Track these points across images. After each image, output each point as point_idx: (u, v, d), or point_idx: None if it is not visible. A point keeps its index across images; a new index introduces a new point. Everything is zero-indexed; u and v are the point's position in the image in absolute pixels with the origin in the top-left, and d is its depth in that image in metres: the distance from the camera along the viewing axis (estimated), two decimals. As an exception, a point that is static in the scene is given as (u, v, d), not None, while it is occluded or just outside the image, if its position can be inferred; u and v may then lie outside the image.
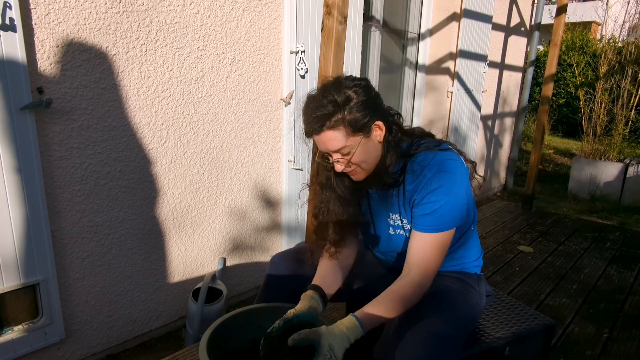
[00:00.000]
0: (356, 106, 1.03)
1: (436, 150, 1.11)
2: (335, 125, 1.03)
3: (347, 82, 1.06)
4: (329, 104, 1.02)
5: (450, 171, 1.07)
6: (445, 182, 1.06)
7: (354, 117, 1.03)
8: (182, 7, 1.88)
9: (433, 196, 1.06)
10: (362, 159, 1.08)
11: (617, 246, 3.22)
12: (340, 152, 1.06)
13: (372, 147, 1.08)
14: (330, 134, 1.04)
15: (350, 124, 1.03)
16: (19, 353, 1.66)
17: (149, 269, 2.03)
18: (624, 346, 1.97)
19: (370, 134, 1.06)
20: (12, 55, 1.44)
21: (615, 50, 5.29)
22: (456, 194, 1.07)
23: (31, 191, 1.56)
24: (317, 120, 1.04)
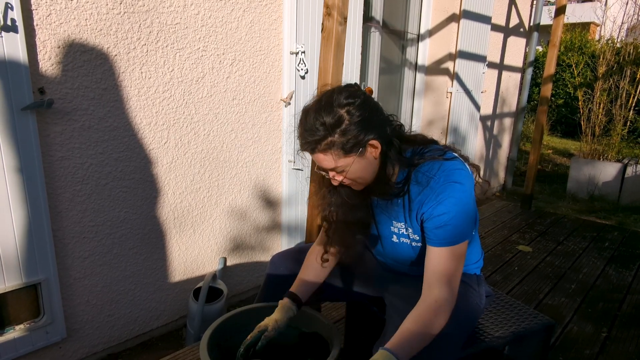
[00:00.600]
0: (348, 128, 1.00)
1: (442, 160, 1.08)
2: (326, 149, 1.01)
3: (341, 100, 1.01)
4: (320, 127, 1.00)
5: (459, 181, 1.05)
6: (455, 192, 1.04)
7: (346, 139, 1.00)
8: (182, 8, 1.88)
9: (444, 208, 1.04)
10: (357, 176, 1.07)
11: (615, 246, 3.22)
12: (334, 170, 1.06)
13: (368, 164, 1.06)
14: (321, 156, 1.03)
15: (341, 146, 1.00)
16: (20, 352, 1.66)
17: (150, 269, 2.03)
18: (623, 345, 1.97)
19: (364, 153, 1.03)
20: (14, 56, 1.44)
21: (614, 50, 5.29)
22: (466, 203, 1.05)
23: (33, 191, 1.56)
24: (309, 143, 1.03)
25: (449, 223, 1.04)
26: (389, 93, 3.51)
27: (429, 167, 1.08)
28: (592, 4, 11.57)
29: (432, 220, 1.06)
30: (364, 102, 1.04)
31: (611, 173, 4.88)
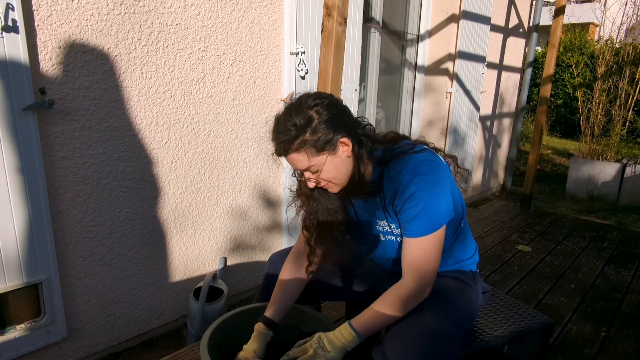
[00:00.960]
0: (318, 126, 1.04)
1: (410, 154, 1.10)
2: (299, 148, 1.05)
3: (309, 102, 1.05)
4: (291, 127, 1.04)
5: (426, 172, 1.06)
6: (422, 184, 1.05)
7: (317, 137, 1.04)
8: (183, 9, 1.88)
9: (413, 200, 1.06)
10: (332, 175, 1.09)
11: (614, 246, 3.22)
12: (308, 170, 1.08)
13: (341, 163, 1.08)
14: (295, 156, 1.06)
15: (313, 144, 1.04)
16: (21, 352, 1.66)
17: (151, 268, 2.03)
18: (622, 345, 1.97)
19: (336, 151, 1.07)
20: (15, 57, 1.44)
21: (613, 51, 5.29)
22: (436, 193, 1.06)
23: (33, 191, 1.56)
24: (281, 144, 1.06)
25: (420, 214, 1.05)
26: (389, 93, 3.51)
27: (398, 162, 1.10)
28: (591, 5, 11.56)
29: (404, 213, 1.08)
30: (332, 103, 1.08)
31: (610, 173, 4.88)
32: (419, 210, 1.05)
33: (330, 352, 1.05)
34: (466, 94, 3.94)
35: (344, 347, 1.05)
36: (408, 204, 1.07)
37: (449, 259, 1.26)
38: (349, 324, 1.07)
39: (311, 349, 1.07)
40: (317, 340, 1.07)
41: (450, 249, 1.25)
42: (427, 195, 1.05)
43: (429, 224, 1.06)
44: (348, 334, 1.05)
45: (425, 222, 1.06)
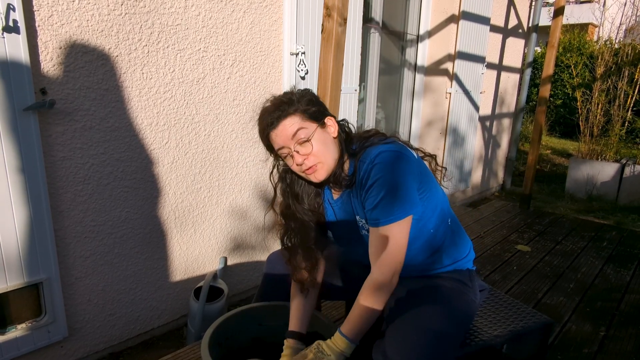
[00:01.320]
0: (308, 101, 1.12)
1: (378, 145, 1.11)
2: (292, 114, 1.10)
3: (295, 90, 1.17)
4: (285, 99, 1.12)
5: (384, 162, 1.06)
6: (382, 173, 1.05)
7: (308, 107, 1.11)
8: (183, 9, 1.88)
9: (374, 190, 1.06)
10: (320, 149, 1.10)
11: (613, 245, 3.22)
12: (298, 136, 1.09)
13: (329, 139, 1.13)
14: (287, 121, 1.11)
15: (305, 112, 1.11)
16: (22, 351, 1.66)
17: (151, 268, 2.03)
18: (621, 344, 1.97)
19: (324, 126, 1.13)
20: (16, 57, 1.44)
21: (612, 51, 5.29)
22: (397, 182, 1.06)
23: (34, 191, 1.56)
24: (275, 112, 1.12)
25: (379, 204, 1.06)
26: (389, 93, 3.52)
27: (367, 153, 1.11)
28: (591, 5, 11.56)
29: (366, 203, 1.09)
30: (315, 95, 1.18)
31: (609, 173, 4.88)
32: (379, 200, 1.05)
33: (330, 355, 1.06)
34: (466, 94, 3.94)
35: (342, 353, 1.07)
36: (369, 193, 1.07)
37: (444, 258, 1.25)
38: (340, 332, 1.08)
39: (311, 354, 1.07)
40: (316, 346, 1.09)
41: (444, 248, 1.25)
42: (388, 184, 1.05)
43: (389, 213, 1.05)
44: (342, 342, 1.07)
45: (386, 210, 1.05)
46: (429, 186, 1.16)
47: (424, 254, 1.22)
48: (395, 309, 1.15)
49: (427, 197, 1.15)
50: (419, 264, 1.24)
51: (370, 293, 1.08)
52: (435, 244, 1.22)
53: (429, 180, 1.16)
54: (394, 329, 1.06)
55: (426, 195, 1.14)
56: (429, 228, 1.19)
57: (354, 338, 1.08)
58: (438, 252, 1.24)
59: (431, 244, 1.22)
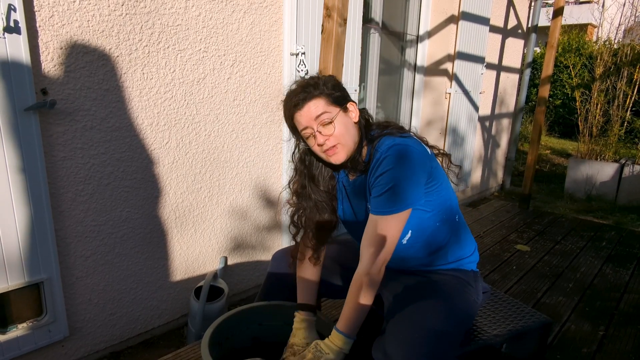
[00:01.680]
0: (333, 86, 1.16)
1: (395, 136, 1.14)
2: (317, 96, 1.13)
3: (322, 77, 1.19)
4: (311, 81, 1.15)
5: (397, 155, 1.09)
6: (392, 165, 1.08)
7: (332, 92, 1.15)
8: (184, 10, 1.88)
9: (383, 178, 1.08)
10: (341, 132, 1.14)
11: (612, 245, 3.22)
12: (321, 118, 1.13)
13: (350, 124, 1.17)
14: (312, 103, 1.13)
15: (329, 95, 1.14)
16: (23, 350, 1.66)
17: (152, 268, 2.03)
18: (620, 344, 1.97)
19: (347, 111, 1.17)
20: (17, 57, 1.44)
21: (611, 52, 5.29)
22: (406, 177, 1.08)
23: (35, 191, 1.56)
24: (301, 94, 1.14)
25: (385, 194, 1.08)
26: (389, 93, 3.51)
27: (382, 141, 1.14)
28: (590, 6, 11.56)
29: (373, 190, 1.12)
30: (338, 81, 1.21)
31: (608, 173, 4.88)
32: (387, 189, 1.08)
33: (329, 354, 1.06)
34: (465, 94, 3.94)
35: (341, 351, 1.08)
36: (378, 181, 1.10)
37: (448, 256, 1.26)
38: (336, 329, 1.09)
39: (310, 354, 1.08)
40: (314, 346, 1.10)
41: (449, 245, 1.25)
42: (397, 177, 1.08)
43: (392, 204, 1.08)
44: (339, 339, 1.08)
45: (391, 202, 1.08)
46: (439, 181, 1.17)
47: (428, 248, 1.23)
48: (396, 305, 1.15)
49: (436, 192, 1.17)
50: (422, 257, 1.24)
51: (361, 285, 1.10)
52: (440, 239, 1.23)
53: (439, 176, 1.18)
54: (394, 326, 1.06)
55: (435, 190, 1.16)
56: (435, 222, 1.20)
57: (350, 333, 1.09)
58: (443, 248, 1.25)
59: (436, 239, 1.22)
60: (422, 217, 1.17)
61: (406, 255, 1.23)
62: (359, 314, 1.10)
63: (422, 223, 1.18)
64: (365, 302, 1.09)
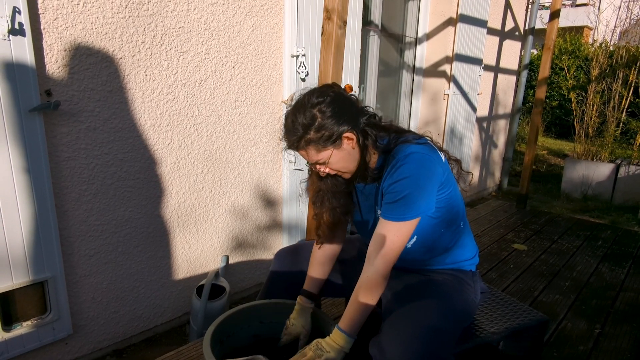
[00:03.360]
0: (321, 124, 1.07)
1: (411, 143, 1.12)
2: (305, 145, 1.09)
3: (313, 100, 1.08)
4: (298, 126, 1.08)
5: (413, 163, 1.08)
6: (409, 173, 1.07)
7: (320, 135, 1.07)
8: (186, 12, 1.88)
9: (398, 186, 1.08)
10: (340, 166, 1.12)
11: (608, 244, 3.22)
12: (317, 162, 1.12)
13: (347, 155, 1.11)
14: (303, 152, 1.11)
15: (317, 142, 1.07)
16: (27, 348, 1.66)
17: (154, 267, 2.03)
18: (615, 341, 1.97)
19: (341, 145, 1.09)
20: (22, 59, 1.44)
21: (607, 54, 5.29)
22: (421, 186, 1.08)
23: (40, 191, 1.56)
24: (291, 142, 1.11)
25: (400, 201, 1.07)
26: (388, 95, 3.52)
27: (399, 149, 1.12)
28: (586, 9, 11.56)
29: (387, 196, 1.11)
30: (334, 99, 1.09)
31: (604, 173, 4.88)
32: (401, 197, 1.07)
33: (330, 352, 1.06)
34: (463, 95, 3.94)
35: (342, 349, 1.08)
36: (393, 188, 1.09)
37: (448, 258, 1.26)
38: (338, 328, 1.10)
39: (310, 352, 1.08)
40: (315, 344, 1.10)
41: (451, 249, 1.26)
42: (413, 186, 1.07)
43: (405, 212, 1.07)
44: (340, 338, 1.08)
45: (403, 209, 1.07)
46: (449, 189, 1.17)
47: (431, 252, 1.24)
48: (393, 303, 1.15)
49: (446, 199, 1.16)
50: (423, 259, 1.25)
51: (366, 288, 1.10)
52: (443, 245, 1.24)
53: (450, 183, 1.17)
54: (391, 324, 1.06)
55: (445, 197, 1.16)
56: (440, 228, 1.20)
57: (352, 332, 1.09)
58: (444, 252, 1.25)
59: (439, 244, 1.23)
60: (429, 223, 1.17)
61: (408, 257, 1.23)
62: (362, 315, 1.10)
63: (428, 229, 1.18)
64: (369, 304, 1.09)
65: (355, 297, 1.10)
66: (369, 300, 1.09)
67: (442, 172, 1.13)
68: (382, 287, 1.10)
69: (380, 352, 1.02)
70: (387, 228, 1.09)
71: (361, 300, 1.09)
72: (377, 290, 1.10)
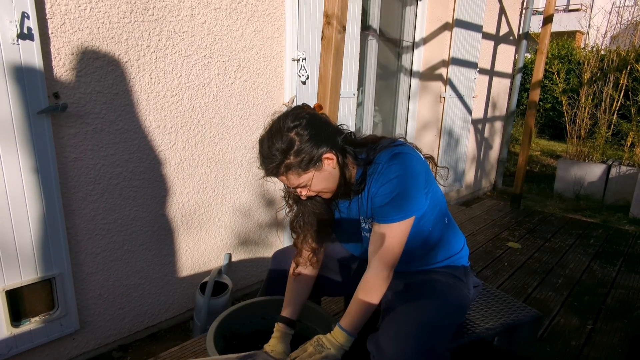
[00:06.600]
0: (300, 148, 1.02)
1: (391, 147, 1.10)
2: (285, 171, 1.04)
3: (288, 124, 1.03)
4: (275, 152, 1.02)
5: (399, 163, 1.06)
6: (398, 173, 1.05)
7: (300, 159, 1.02)
8: (190, 17, 1.88)
9: (387, 188, 1.06)
10: (321, 187, 1.09)
11: (600, 243, 3.22)
12: (299, 186, 1.08)
13: (328, 175, 1.07)
14: (284, 178, 1.06)
15: (297, 166, 1.03)
16: (36, 343, 1.66)
17: (159, 264, 2.03)
18: (607, 337, 1.97)
19: (321, 166, 1.05)
20: (30, 63, 1.44)
21: (598, 58, 5.29)
22: (410, 185, 1.06)
23: (48, 190, 1.56)
24: (269, 170, 1.05)
25: (390, 201, 1.06)
26: (386, 97, 3.52)
27: (380, 156, 1.10)
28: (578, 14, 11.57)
29: (377, 199, 1.09)
30: (310, 121, 1.04)
31: (596, 174, 4.88)
32: (392, 198, 1.06)
33: (330, 349, 1.06)
34: (459, 98, 3.94)
35: (341, 347, 1.08)
36: (382, 190, 1.07)
37: (439, 254, 1.26)
38: (339, 326, 1.09)
39: (311, 347, 1.08)
40: (316, 340, 1.10)
41: (440, 245, 1.25)
42: (402, 185, 1.05)
43: (399, 211, 1.06)
44: (341, 336, 1.08)
45: (396, 209, 1.06)
46: (432, 187, 1.16)
47: (422, 250, 1.23)
48: (391, 302, 1.15)
49: (430, 197, 1.15)
50: (416, 260, 1.24)
51: (368, 288, 1.09)
52: (432, 241, 1.23)
53: (431, 180, 1.17)
54: (388, 321, 1.06)
55: (429, 195, 1.15)
56: (428, 226, 1.19)
57: (352, 331, 1.09)
58: (434, 248, 1.24)
59: (429, 241, 1.22)
60: (415, 223, 1.14)
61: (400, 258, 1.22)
62: (364, 315, 1.09)
63: (416, 229, 1.16)
64: (371, 304, 1.09)
65: (358, 297, 1.10)
66: (370, 300, 1.09)
67: (425, 170, 1.12)
68: (384, 288, 1.10)
69: (377, 349, 1.02)
70: (385, 230, 1.08)
71: (363, 300, 1.09)
72: (378, 291, 1.09)
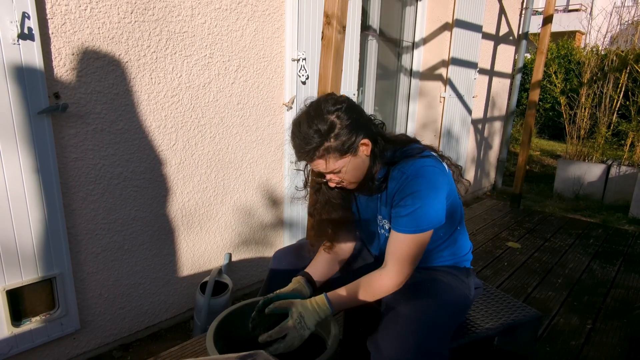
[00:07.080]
0: (341, 132, 1.03)
1: (417, 158, 1.11)
2: (324, 154, 1.05)
3: (329, 107, 1.04)
4: (314, 134, 1.03)
5: (426, 177, 1.07)
6: (421, 187, 1.06)
7: (340, 142, 1.04)
8: (190, 18, 1.88)
9: (409, 200, 1.07)
10: (353, 175, 1.11)
11: (599, 242, 3.22)
12: (332, 172, 1.09)
13: (361, 163, 1.10)
14: (320, 162, 1.07)
15: (337, 149, 1.04)
16: (36, 342, 1.66)
17: (159, 264, 2.03)
18: (606, 336, 1.97)
19: (357, 152, 1.07)
20: (31, 63, 1.44)
21: (599, 58, 5.28)
22: (432, 198, 1.07)
23: (48, 190, 1.56)
24: (306, 152, 1.05)
25: (412, 214, 1.07)
26: (386, 97, 3.51)
27: (404, 163, 1.11)
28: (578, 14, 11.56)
29: (398, 209, 1.09)
30: (350, 106, 1.07)
31: (596, 173, 4.88)
32: (413, 210, 1.06)
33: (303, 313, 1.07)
34: (459, 98, 3.94)
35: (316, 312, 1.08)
36: (405, 202, 1.08)
37: (445, 256, 1.27)
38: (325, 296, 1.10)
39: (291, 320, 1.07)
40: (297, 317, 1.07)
41: (445, 248, 1.26)
42: (423, 198, 1.06)
43: (418, 224, 1.07)
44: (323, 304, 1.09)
45: (416, 221, 1.07)
46: (451, 197, 1.17)
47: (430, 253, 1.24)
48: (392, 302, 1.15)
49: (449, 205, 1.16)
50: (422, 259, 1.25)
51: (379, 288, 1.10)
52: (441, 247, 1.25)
53: (452, 191, 1.17)
54: (388, 320, 1.06)
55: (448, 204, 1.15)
56: (441, 234, 1.21)
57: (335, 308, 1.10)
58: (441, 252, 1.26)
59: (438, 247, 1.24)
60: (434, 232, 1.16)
61: None
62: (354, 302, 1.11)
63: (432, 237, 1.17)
64: (368, 301, 1.10)
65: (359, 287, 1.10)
66: (369, 298, 1.10)
67: (448, 182, 1.13)
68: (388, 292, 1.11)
69: (377, 349, 1.02)
70: (404, 240, 1.09)
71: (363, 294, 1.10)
72: (381, 292, 1.10)
